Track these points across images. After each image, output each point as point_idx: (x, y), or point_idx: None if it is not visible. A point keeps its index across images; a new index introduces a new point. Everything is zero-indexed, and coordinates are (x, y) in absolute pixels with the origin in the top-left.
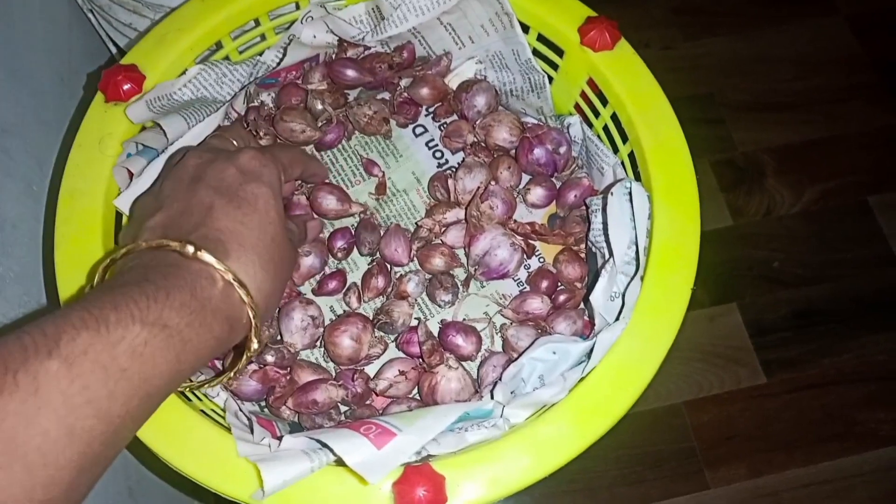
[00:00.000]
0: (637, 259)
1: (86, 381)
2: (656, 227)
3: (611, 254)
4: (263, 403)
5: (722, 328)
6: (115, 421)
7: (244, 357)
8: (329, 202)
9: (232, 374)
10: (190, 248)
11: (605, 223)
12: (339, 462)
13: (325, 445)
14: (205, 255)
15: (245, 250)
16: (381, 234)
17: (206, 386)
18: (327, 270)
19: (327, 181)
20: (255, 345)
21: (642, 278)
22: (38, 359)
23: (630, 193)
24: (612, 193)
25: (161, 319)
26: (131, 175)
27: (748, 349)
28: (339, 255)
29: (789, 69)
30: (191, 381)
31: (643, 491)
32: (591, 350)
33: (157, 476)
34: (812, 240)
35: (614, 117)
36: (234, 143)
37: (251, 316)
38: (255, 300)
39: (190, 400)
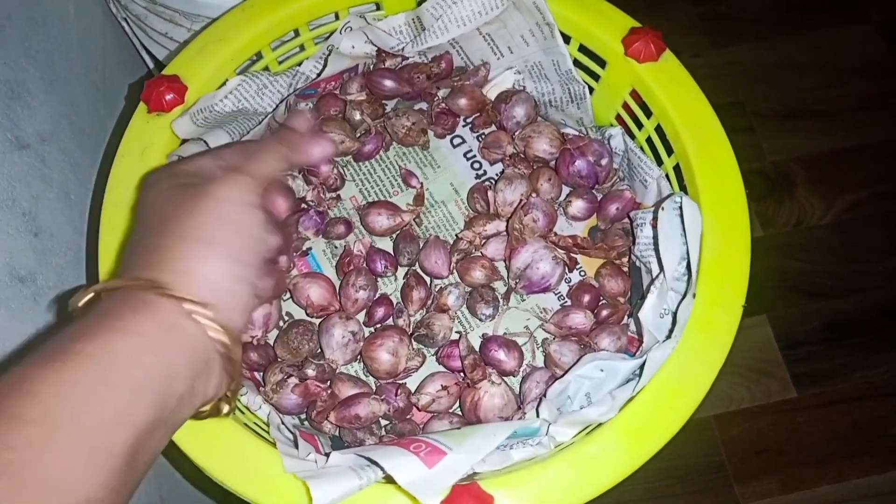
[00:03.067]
0: (689, 275)
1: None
2: (705, 243)
3: (661, 269)
4: (304, 416)
5: (752, 340)
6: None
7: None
8: (380, 222)
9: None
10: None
11: (655, 238)
12: (387, 480)
13: (374, 463)
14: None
15: (207, 256)
16: (420, 245)
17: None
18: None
19: (375, 200)
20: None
21: (695, 295)
22: (113, 342)
23: (681, 208)
24: (662, 208)
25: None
26: None
27: (778, 362)
28: (388, 272)
29: (818, 77)
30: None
31: None
32: (641, 368)
33: (188, 482)
34: (842, 250)
35: (658, 129)
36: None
37: (221, 339)
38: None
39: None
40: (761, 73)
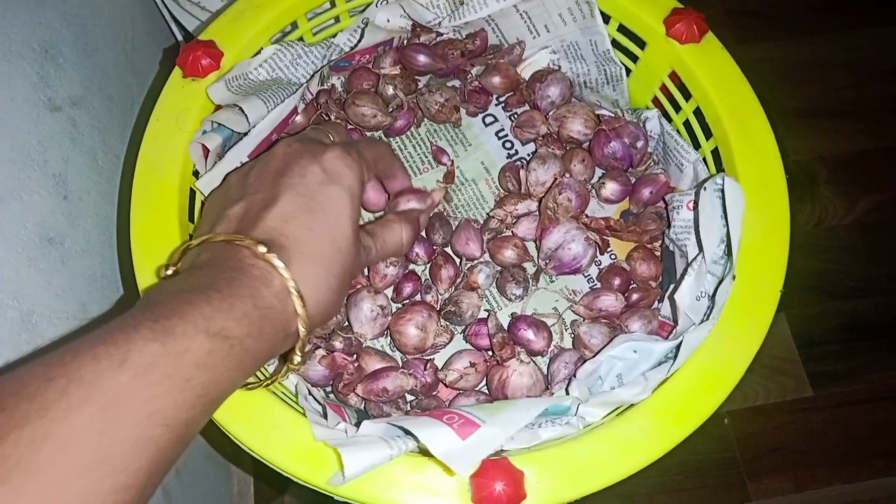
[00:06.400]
0: (729, 258)
1: (154, 391)
2: (744, 226)
3: (700, 251)
4: (329, 389)
5: (769, 338)
6: (180, 428)
7: (285, 367)
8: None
9: (272, 382)
10: (262, 248)
11: (694, 221)
12: (417, 451)
13: (408, 433)
14: (274, 259)
15: (306, 259)
16: (452, 226)
17: (249, 388)
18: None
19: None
20: (297, 357)
21: (734, 277)
22: (112, 370)
23: (722, 190)
24: (704, 188)
25: (224, 330)
26: (206, 151)
27: (795, 360)
28: (421, 260)
29: (844, 77)
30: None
31: (683, 500)
32: (676, 350)
33: (200, 435)
34: (863, 252)
35: (697, 112)
36: (330, 136)
37: (301, 328)
38: (309, 312)
39: None
40: (787, 71)
